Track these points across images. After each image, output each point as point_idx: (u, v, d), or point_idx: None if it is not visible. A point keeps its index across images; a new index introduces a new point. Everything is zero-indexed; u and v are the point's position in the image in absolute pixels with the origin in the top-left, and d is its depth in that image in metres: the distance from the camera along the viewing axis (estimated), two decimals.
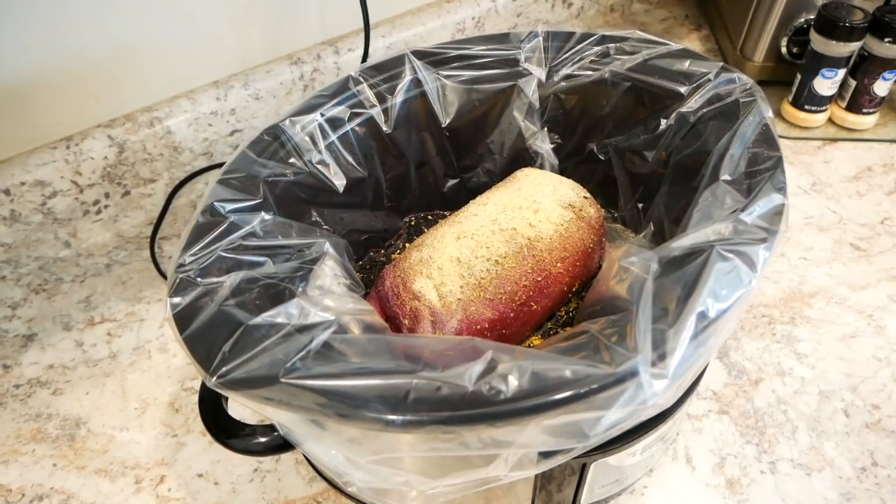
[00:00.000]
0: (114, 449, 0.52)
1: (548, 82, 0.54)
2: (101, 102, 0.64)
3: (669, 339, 0.31)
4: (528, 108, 0.54)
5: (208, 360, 0.31)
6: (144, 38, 0.62)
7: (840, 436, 0.50)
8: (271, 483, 0.49)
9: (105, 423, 0.54)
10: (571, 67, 0.53)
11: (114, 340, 0.60)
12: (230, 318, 0.33)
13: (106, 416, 0.54)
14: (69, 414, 0.54)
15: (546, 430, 0.29)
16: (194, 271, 0.35)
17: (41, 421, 0.54)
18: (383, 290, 0.47)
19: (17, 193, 0.61)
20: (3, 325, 0.61)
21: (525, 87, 0.53)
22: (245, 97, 0.69)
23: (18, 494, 0.50)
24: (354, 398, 0.29)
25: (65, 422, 0.54)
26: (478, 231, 0.47)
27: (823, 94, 0.74)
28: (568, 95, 0.54)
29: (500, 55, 0.53)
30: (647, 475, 0.48)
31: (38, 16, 0.56)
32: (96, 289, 0.64)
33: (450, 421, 0.28)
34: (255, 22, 0.68)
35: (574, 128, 0.56)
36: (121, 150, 0.64)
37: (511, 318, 0.45)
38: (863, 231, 0.65)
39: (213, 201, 0.40)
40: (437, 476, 0.32)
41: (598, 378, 0.29)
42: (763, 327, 0.57)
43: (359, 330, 0.36)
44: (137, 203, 0.69)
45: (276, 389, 0.29)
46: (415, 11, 0.80)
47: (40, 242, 0.65)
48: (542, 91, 0.54)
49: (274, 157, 0.46)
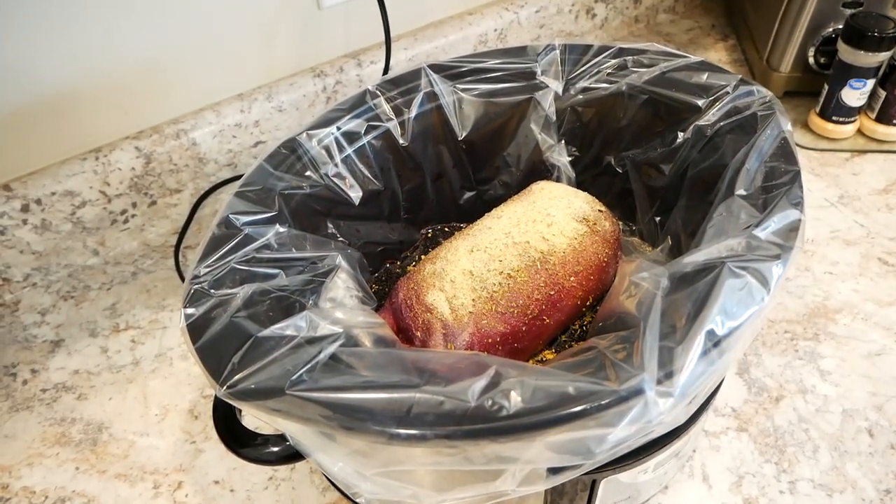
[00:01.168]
0: (134, 454, 0.53)
1: (565, 95, 0.54)
2: (130, 115, 0.65)
3: (677, 357, 0.30)
4: (544, 120, 0.54)
5: (218, 370, 0.31)
6: (171, 53, 0.64)
7: (863, 456, 0.49)
8: (286, 491, 0.50)
9: (126, 429, 0.55)
10: (588, 80, 0.53)
11: (137, 347, 0.61)
12: (240, 330, 0.33)
13: (127, 422, 0.55)
14: (92, 419, 0.56)
15: (550, 446, 0.29)
16: (208, 283, 0.36)
17: (65, 425, 0.55)
18: (397, 302, 0.47)
19: (48, 203, 0.63)
20: (32, 331, 0.63)
21: (542, 100, 0.53)
22: (269, 109, 0.71)
23: (42, 497, 0.51)
24: (359, 411, 0.29)
25: (88, 426, 0.55)
26: (491, 244, 0.47)
27: (852, 104, 0.72)
28: (585, 108, 0.54)
29: (517, 68, 0.54)
30: (662, 492, 0.47)
31: (71, 33, 0.58)
32: (122, 296, 0.66)
33: (452, 436, 0.28)
34: (279, 36, 0.69)
35: (591, 140, 0.56)
36: (148, 161, 0.66)
37: (523, 332, 0.45)
38: (892, 245, 0.64)
39: (228, 214, 0.41)
40: (444, 489, 0.32)
41: (602, 395, 0.29)
42: (785, 343, 0.56)
43: (369, 342, 0.36)
44: (163, 213, 0.70)
45: (283, 401, 0.30)
46: (437, 24, 0.81)
47: (69, 251, 0.67)
48: (559, 104, 0.54)
49: (290, 170, 0.46)
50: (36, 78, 0.59)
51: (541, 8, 0.85)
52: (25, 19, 0.56)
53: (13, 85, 0.58)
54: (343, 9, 0.72)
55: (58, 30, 0.57)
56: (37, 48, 0.57)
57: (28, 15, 0.56)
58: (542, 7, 0.85)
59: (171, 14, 0.62)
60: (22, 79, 0.58)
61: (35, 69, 0.58)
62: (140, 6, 0.60)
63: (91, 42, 0.60)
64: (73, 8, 0.57)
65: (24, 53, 0.57)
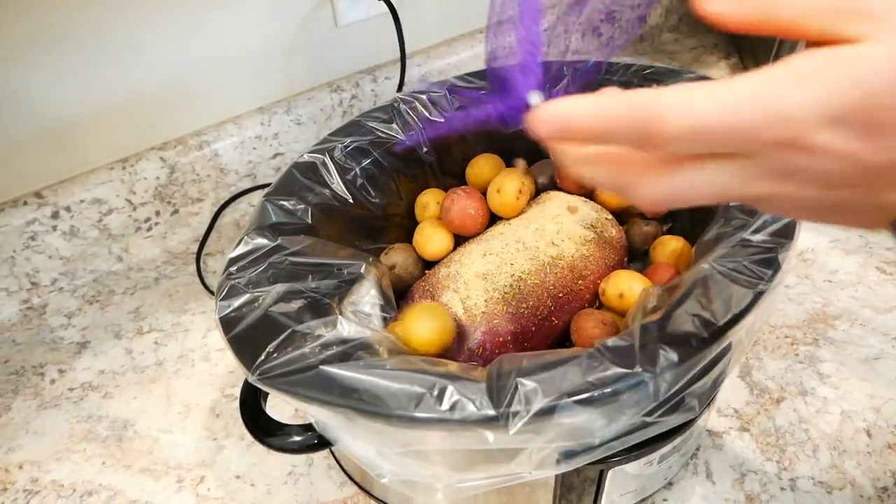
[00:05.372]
0: (158, 450, 0.55)
1: None
2: (156, 127, 0.68)
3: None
4: None
5: (253, 358, 0.34)
6: (196, 69, 0.67)
7: (862, 455, 0.50)
8: (304, 486, 0.52)
9: (150, 426, 0.57)
10: None
11: (160, 349, 0.63)
12: (275, 323, 0.36)
13: (151, 420, 0.57)
14: (118, 416, 0.58)
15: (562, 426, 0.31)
16: (243, 280, 0.39)
17: (92, 422, 0.58)
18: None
19: (76, 210, 0.65)
20: (59, 333, 0.65)
21: None
22: (287, 122, 0.73)
23: (70, 490, 0.53)
24: (382, 394, 0.31)
25: (113, 423, 0.57)
26: (503, 249, 0.49)
27: None
28: None
29: None
30: (667, 488, 0.49)
31: (103, 52, 0.61)
32: (145, 300, 0.68)
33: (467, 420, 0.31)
34: (299, 52, 0.73)
35: None
36: (172, 171, 0.69)
37: (533, 332, 0.47)
38: (889, 255, 0.66)
39: (261, 217, 0.43)
40: (462, 469, 0.34)
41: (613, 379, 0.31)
42: (786, 348, 0.58)
43: (385, 350, 0.38)
44: (185, 221, 0.73)
45: (312, 384, 0.32)
46: (449, 42, 0.84)
47: (95, 256, 0.69)
48: None
49: (317, 177, 0.49)
50: (66, 92, 0.62)
51: (548, 27, 0.88)
52: (56, 38, 0.59)
53: (47, 100, 0.61)
54: (359, 27, 0.75)
55: (87, 47, 0.61)
56: (71, 67, 0.61)
57: (63, 36, 0.59)
58: (550, 26, 0.88)
59: (198, 33, 0.65)
60: (54, 93, 0.61)
61: (69, 86, 0.61)
62: (168, 26, 0.63)
63: (121, 60, 0.63)
64: (104, 28, 0.60)
65: (56, 69, 0.60)
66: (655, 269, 0.50)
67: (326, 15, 0.72)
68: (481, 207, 0.53)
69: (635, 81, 0.55)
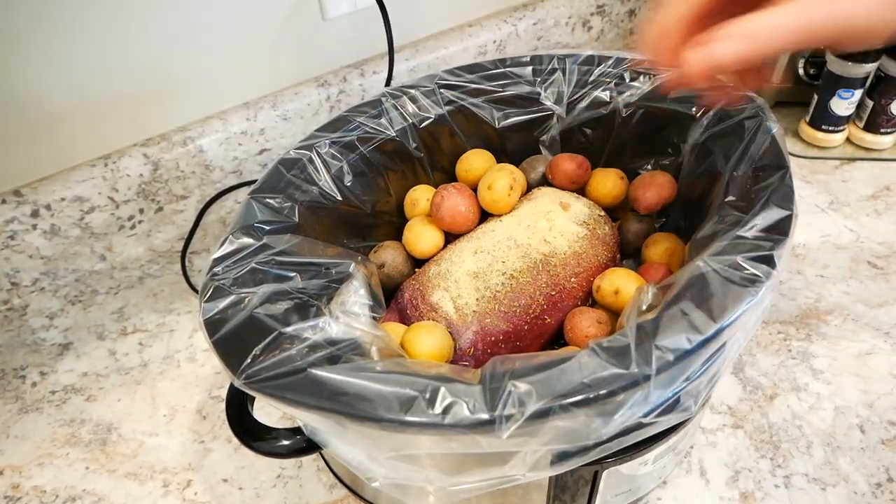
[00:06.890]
0: (143, 454, 0.54)
1: (568, 116, 0.56)
2: (138, 123, 0.67)
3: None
4: (550, 140, 0.57)
5: (239, 361, 0.33)
6: (180, 63, 0.66)
7: (855, 451, 0.50)
8: (293, 489, 0.51)
9: (135, 429, 0.56)
10: (588, 100, 0.55)
11: (145, 350, 0.62)
12: (261, 325, 0.35)
13: (136, 422, 0.56)
14: (101, 419, 0.57)
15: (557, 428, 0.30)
16: (228, 281, 0.38)
17: (75, 426, 0.56)
18: (402, 301, 0.48)
19: (57, 209, 0.64)
20: (40, 334, 0.64)
21: (546, 122, 0.56)
22: (274, 118, 0.72)
23: (52, 496, 0.52)
24: (373, 398, 0.30)
25: (97, 427, 0.56)
26: (494, 246, 0.48)
27: (840, 114, 0.74)
28: (586, 127, 0.56)
29: (522, 93, 0.56)
30: (661, 487, 0.49)
31: (82, 43, 0.59)
32: (129, 300, 0.67)
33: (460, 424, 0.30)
34: (285, 46, 0.71)
35: (597, 158, 0.58)
36: (155, 167, 0.67)
37: (525, 331, 0.46)
38: (880, 249, 0.66)
39: (247, 218, 0.42)
40: (455, 473, 0.33)
41: (608, 380, 0.30)
42: (779, 343, 0.58)
43: (375, 351, 0.37)
44: (170, 219, 0.72)
45: (301, 388, 0.31)
46: (437, 35, 0.83)
47: (77, 255, 0.68)
48: (562, 124, 0.56)
49: (304, 174, 0.48)
50: (47, 87, 0.60)
51: (538, 20, 0.87)
52: (37, 30, 0.57)
53: (25, 93, 0.59)
54: (347, 20, 0.74)
55: (69, 40, 0.59)
56: (48, 58, 0.59)
57: (39, 26, 0.57)
58: (540, 20, 0.88)
59: (181, 25, 0.64)
60: (33, 87, 0.59)
61: (47, 78, 0.60)
62: (150, 18, 0.62)
63: (102, 52, 0.61)
64: (84, 20, 0.59)
65: (36, 63, 0.58)
66: (647, 268, 0.49)
67: (313, 8, 0.71)
68: (472, 204, 0.52)
69: (626, 75, 0.54)
